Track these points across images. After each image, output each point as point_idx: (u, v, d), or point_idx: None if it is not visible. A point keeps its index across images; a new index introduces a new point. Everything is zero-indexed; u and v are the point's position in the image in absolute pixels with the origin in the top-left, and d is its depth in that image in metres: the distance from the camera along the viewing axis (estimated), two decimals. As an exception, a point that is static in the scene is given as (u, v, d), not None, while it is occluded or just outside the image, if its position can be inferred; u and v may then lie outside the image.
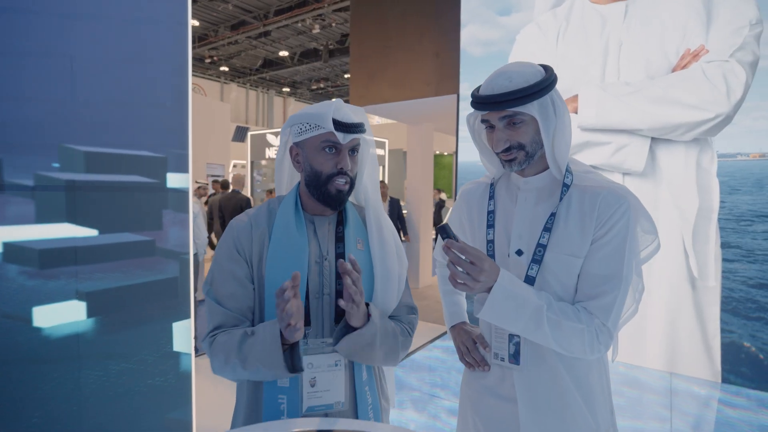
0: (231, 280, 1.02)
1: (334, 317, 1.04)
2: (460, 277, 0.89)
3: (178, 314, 2.04)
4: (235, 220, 1.08)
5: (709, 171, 3.45)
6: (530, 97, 0.92)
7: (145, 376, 1.89)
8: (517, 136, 0.97)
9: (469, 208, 1.17)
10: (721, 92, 3.30)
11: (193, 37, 13.82)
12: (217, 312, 1.01)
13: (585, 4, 3.84)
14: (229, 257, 1.04)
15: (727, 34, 3.32)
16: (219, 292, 1.02)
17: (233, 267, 1.03)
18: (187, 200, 2.09)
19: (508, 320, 0.92)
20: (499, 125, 0.98)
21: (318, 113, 1.02)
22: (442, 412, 2.88)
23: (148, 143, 1.90)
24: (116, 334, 1.81)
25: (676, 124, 3.43)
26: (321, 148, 1.03)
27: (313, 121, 1.02)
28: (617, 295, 0.92)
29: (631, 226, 0.94)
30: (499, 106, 0.94)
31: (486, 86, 0.97)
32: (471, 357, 1.11)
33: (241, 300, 1.02)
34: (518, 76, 0.94)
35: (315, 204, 1.08)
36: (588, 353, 0.93)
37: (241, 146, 12.78)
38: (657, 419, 2.80)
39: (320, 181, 1.03)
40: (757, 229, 3.35)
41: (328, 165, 1.03)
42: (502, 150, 0.98)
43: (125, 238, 1.83)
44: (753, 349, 3.28)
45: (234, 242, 1.04)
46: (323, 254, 1.06)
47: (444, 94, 4.87)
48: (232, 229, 1.06)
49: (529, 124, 0.97)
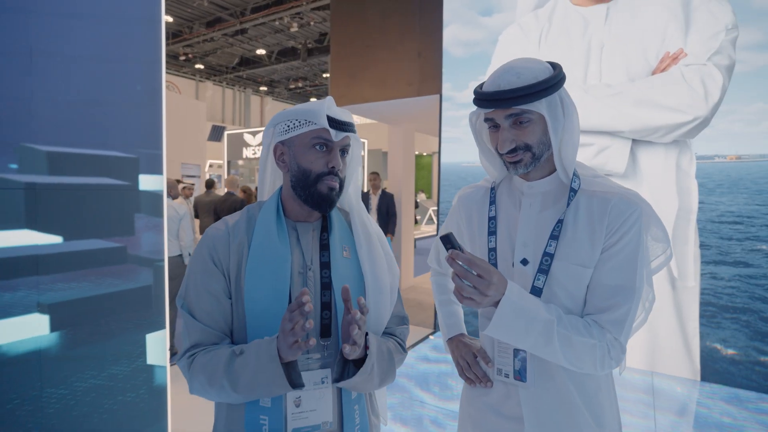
0: (206, 295, 0.93)
1: (320, 330, 0.96)
2: (467, 291, 0.82)
3: (152, 325, 1.92)
4: (211, 228, 0.99)
5: (688, 173, 3.50)
6: (539, 94, 0.86)
7: (116, 392, 1.76)
8: (524, 136, 0.91)
9: (468, 214, 1.10)
10: (699, 95, 3.35)
11: (167, 33, 13.43)
12: (195, 328, 0.92)
13: (567, 6, 3.85)
14: (204, 270, 0.95)
15: (705, 38, 3.37)
16: (194, 306, 0.93)
17: (208, 281, 0.94)
18: (161, 203, 1.97)
19: (517, 337, 0.86)
20: (504, 124, 0.91)
21: (310, 109, 0.95)
22: (427, 421, 2.82)
23: (119, 143, 1.78)
24: (83, 349, 1.67)
25: (656, 126, 3.46)
26: (311, 145, 0.96)
27: (305, 117, 0.95)
28: (630, 307, 0.87)
29: (642, 234, 0.90)
30: (505, 104, 0.87)
31: (491, 82, 0.91)
32: (472, 372, 1.05)
33: (218, 316, 0.93)
34: (527, 71, 0.88)
35: (299, 209, 1.00)
36: (599, 369, 0.87)
37: (218, 146, 12.48)
38: (641, 417, 2.81)
39: (308, 181, 0.96)
40: (733, 230, 3.41)
41: (319, 164, 0.96)
42: (508, 151, 0.92)
43: (93, 245, 1.70)
44: (726, 352, 3.34)
45: (210, 253, 0.95)
46: (307, 264, 0.98)
47: (426, 95, 4.82)
48: (208, 239, 0.97)
49: (536, 123, 0.91)
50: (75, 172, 1.65)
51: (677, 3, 3.42)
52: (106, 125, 1.74)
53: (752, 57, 3.27)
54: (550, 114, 0.89)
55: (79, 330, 1.66)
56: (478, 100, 0.92)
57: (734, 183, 3.47)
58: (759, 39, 3.25)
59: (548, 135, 0.92)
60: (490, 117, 0.93)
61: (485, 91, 0.91)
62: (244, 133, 9.52)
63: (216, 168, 14.03)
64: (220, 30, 12.93)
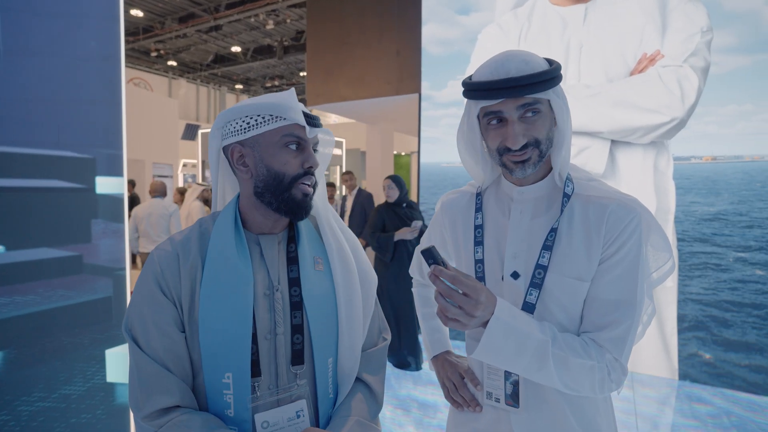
0: (155, 331, 0.79)
1: (291, 358, 0.84)
2: (451, 312, 0.73)
3: (112, 339, 1.77)
4: (156, 248, 0.84)
5: (666, 173, 3.51)
6: (550, 81, 0.79)
7: (69, 415, 1.61)
8: (534, 131, 0.81)
9: (452, 222, 1.01)
10: (676, 97, 3.37)
11: (138, 28, 12.99)
12: (148, 368, 0.77)
13: (546, 6, 3.82)
14: (152, 300, 0.80)
15: (681, 40, 3.39)
16: (145, 344, 0.79)
17: (156, 314, 0.79)
18: (121, 207, 1.82)
19: (508, 360, 0.77)
20: (514, 116, 0.80)
21: (278, 103, 0.83)
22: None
23: (73, 143, 1.63)
24: (30, 369, 1.52)
25: (634, 127, 3.47)
26: (283, 144, 0.83)
27: (270, 112, 0.82)
28: (631, 324, 0.79)
29: (642, 243, 0.82)
30: (519, 91, 0.77)
31: (493, 71, 0.80)
32: (459, 395, 0.96)
33: (170, 355, 0.79)
34: (533, 58, 0.81)
35: (262, 219, 0.86)
36: (598, 392, 0.80)
37: (192, 145, 12.12)
38: (622, 412, 2.80)
39: (282, 186, 0.83)
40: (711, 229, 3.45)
41: (293, 164, 0.83)
42: (519, 148, 0.81)
43: (42, 254, 1.55)
44: (707, 356, 3.37)
45: (156, 279, 0.80)
46: (273, 284, 0.85)
47: (405, 93, 4.74)
48: (153, 263, 0.82)
49: (545, 116, 0.82)
50: (21, 174, 1.49)
51: (654, 5, 3.43)
52: (58, 124, 1.59)
53: (724, 59, 3.31)
54: (559, 104, 0.82)
55: (25, 349, 1.50)
56: (480, 91, 0.81)
57: (712, 183, 3.51)
58: (730, 42, 3.29)
59: (552, 131, 0.84)
60: (496, 110, 0.81)
61: (491, 80, 0.79)
62: (218, 132, 9.24)
63: (190, 168, 13.64)
64: (194, 26, 12.56)
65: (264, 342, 0.82)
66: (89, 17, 1.66)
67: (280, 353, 0.83)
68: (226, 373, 0.78)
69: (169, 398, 0.76)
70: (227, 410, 0.79)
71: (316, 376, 0.85)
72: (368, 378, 0.92)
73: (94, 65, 1.68)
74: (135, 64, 15.41)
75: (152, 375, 0.77)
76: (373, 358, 0.95)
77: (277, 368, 0.83)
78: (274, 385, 0.82)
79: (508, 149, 0.82)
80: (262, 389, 0.81)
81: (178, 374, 0.79)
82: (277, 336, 0.83)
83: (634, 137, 3.51)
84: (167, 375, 0.77)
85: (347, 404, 0.87)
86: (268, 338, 0.83)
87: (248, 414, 0.79)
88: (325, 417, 0.87)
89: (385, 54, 4.84)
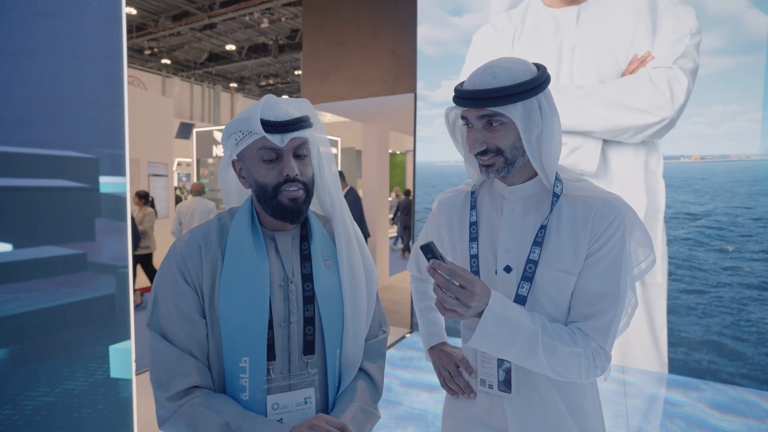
0: (178, 317, 0.85)
1: (303, 347, 0.90)
2: (449, 303, 0.78)
3: (116, 336, 1.81)
4: (178, 240, 0.90)
5: (656, 172, 3.59)
6: (513, 97, 0.83)
7: (71, 409, 1.65)
8: (495, 139, 0.88)
9: (448, 220, 1.06)
10: (666, 97, 3.44)
11: (131, 26, 12.93)
12: (170, 355, 0.83)
13: (539, 7, 3.88)
14: (175, 288, 0.86)
15: (671, 42, 3.47)
16: (167, 329, 0.85)
17: (180, 300, 0.85)
18: (124, 206, 1.86)
19: (501, 347, 0.83)
20: (477, 124, 0.88)
21: (245, 117, 0.85)
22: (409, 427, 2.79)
23: (76, 143, 1.66)
24: (35, 365, 1.56)
25: (626, 126, 3.54)
26: (258, 158, 0.87)
27: (242, 127, 0.86)
28: (615, 314, 0.85)
29: (626, 239, 0.88)
30: (477, 104, 0.85)
31: (470, 80, 0.88)
32: (454, 383, 1.01)
33: (193, 341, 0.85)
34: (504, 72, 0.85)
35: (271, 219, 0.92)
36: (584, 378, 0.86)
37: (186, 144, 12.09)
38: (614, 404, 2.87)
39: (268, 195, 0.88)
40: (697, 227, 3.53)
41: (271, 175, 0.87)
42: (478, 152, 0.89)
43: (48, 252, 1.59)
44: (692, 345, 3.45)
45: (179, 268, 0.86)
46: (288, 276, 0.91)
47: (400, 93, 4.79)
48: (176, 253, 0.88)
49: (509, 127, 0.88)
50: (25, 173, 1.53)
51: (645, 6, 3.50)
52: (61, 124, 1.62)
53: (710, 61, 3.38)
54: (524, 120, 0.86)
55: (30, 345, 1.54)
56: (455, 98, 0.89)
57: (701, 181, 3.59)
58: (715, 44, 3.37)
59: (520, 140, 0.89)
60: (465, 115, 0.90)
61: (463, 89, 0.88)
62: (213, 131, 9.25)
63: (185, 167, 13.62)
64: (188, 24, 12.53)
65: (279, 329, 0.88)
66: (91, 17, 1.69)
67: (293, 341, 0.89)
68: (243, 358, 0.84)
69: (190, 379, 0.83)
70: (242, 393, 0.85)
71: (327, 365, 0.91)
72: (369, 367, 0.98)
73: (98, 65, 1.71)
74: (128, 63, 15.33)
75: (175, 359, 0.83)
76: (374, 349, 1.00)
77: (290, 355, 0.89)
78: (286, 370, 0.88)
79: (470, 153, 0.90)
80: (276, 372, 0.87)
81: (199, 357, 0.85)
82: (291, 325, 0.89)
83: (626, 137, 3.58)
84: (188, 358, 0.84)
85: (351, 391, 0.93)
86: (282, 326, 0.89)
87: (263, 395, 0.85)
88: (332, 403, 0.93)
89: (381, 53, 4.89)
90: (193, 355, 0.85)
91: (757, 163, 3.42)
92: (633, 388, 3.27)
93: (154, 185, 8.27)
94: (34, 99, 1.55)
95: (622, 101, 3.53)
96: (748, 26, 3.29)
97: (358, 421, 0.89)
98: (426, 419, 2.79)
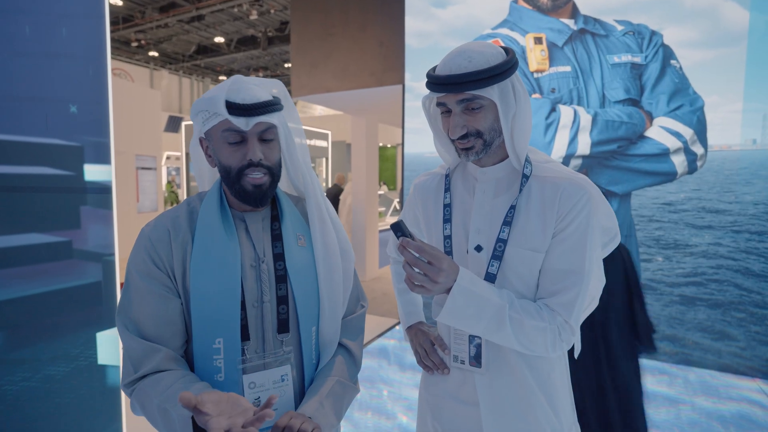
0: (150, 298, 0.85)
1: (277, 326, 0.92)
2: (417, 278, 0.82)
3: (103, 323, 1.83)
4: (146, 226, 0.90)
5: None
6: (491, 79, 0.86)
7: (53, 395, 1.66)
8: (475, 122, 0.90)
9: (424, 202, 1.09)
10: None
11: (117, 17, 12.74)
12: (136, 348, 0.84)
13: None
14: (145, 273, 0.86)
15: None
16: (137, 317, 0.85)
17: (150, 284, 0.86)
18: (109, 195, 1.87)
19: (469, 322, 0.87)
20: (456, 109, 0.90)
21: (209, 97, 0.84)
22: (397, 409, 2.84)
23: (60, 131, 1.67)
24: (21, 351, 1.57)
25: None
26: (224, 140, 0.86)
27: (207, 107, 0.85)
28: (579, 290, 0.89)
29: (592, 218, 0.91)
30: (457, 88, 0.86)
31: (443, 66, 0.90)
32: (429, 360, 1.05)
33: (166, 323, 0.86)
34: (479, 56, 0.87)
35: (238, 200, 0.92)
36: (550, 351, 0.89)
37: (175, 137, 11.99)
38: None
39: (231, 178, 0.88)
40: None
41: (235, 158, 0.86)
42: (459, 137, 0.91)
43: (31, 240, 1.60)
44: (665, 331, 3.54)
45: (149, 255, 0.87)
46: (259, 256, 0.92)
47: (388, 84, 4.80)
48: (145, 239, 0.88)
49: (488, 109, 0.90)
50: (7, 161, 1.53)
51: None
52: (44, 112, 1.63)
53: (688, 54, 3.43)
54: (502, 100, 0.89)
55: (16, 331, 1.55)
56: (430, 84, 0.90)
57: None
58: (692, 37, 3.42)
59: (499, 122, 0.92)
60: (442, 101, 0.91)
61: (437, 75, 0.89)
62: (202, 124, 9.17)
63: (174, 160, 13.50)
64: (175, 16, 12.38)
65: (252, 309, 0.89)
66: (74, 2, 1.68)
67: (266, 320, 0.91)
68: (216, 339, 0.85)
69: (149, 367, 0.83)
70: (217, 374, 0.86)
71: (302, 343, 0.93)
72: (348, 343, 1.00)
73: (79, 49, 1.71)
74: (115, 55, 15.12)
75: (139, 348, 0.84)
76: (352, 324, 1.03)
77: (264, 334, 0.90)
78: (261, 349, 0.90)
79: (451, 137, 0.92)
80: (250, 352, 0.89)
81: (171, 340, 0.86)
82: (264, 304, 0.91)
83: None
84: (152, 347, 0.84)
85: (329, 366, 0.95)
86: (255, 306, 0.90)
87: (238, 375, 0.87)
88: (309, 380, 0.95)
89: (369, 45, 4.89)
90: (163, 339, 0.85)
91: (738, 153, 3.49)
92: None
93: (142, 178, 8.20)
94: (11, 85, 1.54)
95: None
96: (724, 19, 3.34)
97: (335, 394, 0.92)
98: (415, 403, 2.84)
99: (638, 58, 3.53)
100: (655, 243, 3.62)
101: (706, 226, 3.50)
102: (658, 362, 3.48)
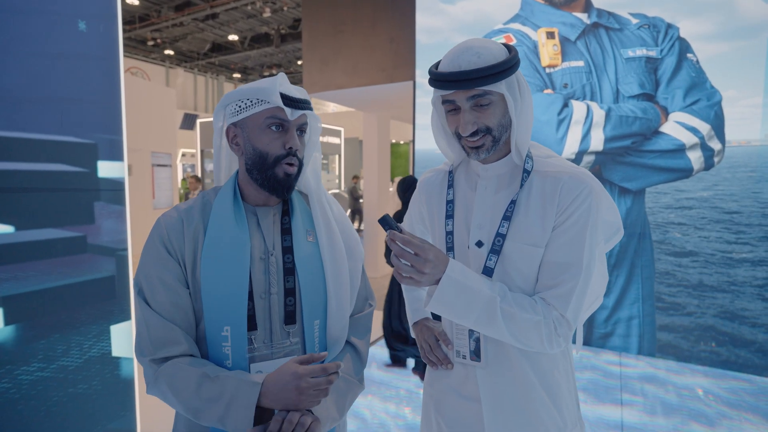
0: (161, 287, 0.89)
1: (284, 318, 0.94)
2: (405, 270, 0.82)
3: (116, 316, 1.87)
4: (162, 215, 0.95)
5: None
6: (501, 74, 0.86)
7: (66, 384, 1.70)
8: (485, 119, 0.89)
9: (428, 198, 1.10)
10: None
11: (134, 17, 12.94)
12: (155, 322, 0.88)
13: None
14: (158, 259, 0.91)
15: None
16: (150, 298, 0.90)
17: (162, 271, 0.90)
18: (122, 190, 1.91)
19: (459, 313, 0.87)
20: (465, 106, 0.89)
21: (261, 87, 0.91)
22: (402, 405, 2.85)
23: (74, 128, 1.71)
24: (41, 342, 1.62)
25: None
26: (266, 125, 0.91)
27: (256, 96, 0.91)
28: (576, 284, 0.88)
29: (592, 212, 0.90)
30: (468, 84, 0.86)
31: (449, 62, 0.89)
32: (433, 355, 1.06)
33: (176, 308, 0.90)
34: (486, 51, 0.87)
35: (257, 193, 0.97)
36: (547, 347, 0.88)
37: (190, 134, 12.15)
38: (609, 389, 2.92)
39: (266, 164, 0.92)
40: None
41: (275, 145, 0.92)
42: (470, 134, 0.90)
43: (48, 235, 1.64)
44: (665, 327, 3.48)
45: (162, 241, 0.91)
46: (269, 249, 0.95)
47: (399, 81, 4.79)
48: (160, 226, 0.93)
49: (496, 105, 0.90)
50: (25, 158, 1.58)
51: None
52: (59, 109, 1.67)
53: (703, 47, 3.35)
54: (511, 95, 0.89)
55: (32, 323, 1.60)
56: (436, 81, 0.90)
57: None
58: (708, 30, 3.34)
59: (507, 117, 0.91)
60: (450, 99, 0.90)
61: (445, 72, 0.88)
62: (216, 121, 9.27)
63: (189, 157, 13.68)
64: (190, 14, 12.51)
65: (260, 300, 0.92)
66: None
67: (274, 311, 0.93)
68: (225, 327, 0.88)
69: (180, 348, 0.88)
70: (226, 361, 0.89)
71: (305, 335, 0.95)
72: (354, 340, 1.03)
73: (93, 47, 1.74)
74: (132, 53, 15.37)
75: (160, 328, 0.87)
76: (360, 323, 1.05)
77: (271, 325, 0.93)
78: (268, 339, 0.93)
79: (461, 135, 0.91)
80: (258, 342, 0.92)
81: (183, 326, 0.90)
82: (271, 296, 0.93)
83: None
84: (174, 328, 0.88)
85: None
86: (263, 297, 0.93)
87: (245, 363, 0.90)
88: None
89: (379, 42, 4.89)
90: (177, 324, 0.89)
91: (758, 148, 3.40)
92: (628, 374, 3.31)
93: (157, 175, 8.34)
94: (27, 83, 1.58)
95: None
96: (742, 10, 3.26)
97: (338, 389, 0.94)
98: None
99: (653, 52, 3.46)
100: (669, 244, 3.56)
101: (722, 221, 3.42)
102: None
